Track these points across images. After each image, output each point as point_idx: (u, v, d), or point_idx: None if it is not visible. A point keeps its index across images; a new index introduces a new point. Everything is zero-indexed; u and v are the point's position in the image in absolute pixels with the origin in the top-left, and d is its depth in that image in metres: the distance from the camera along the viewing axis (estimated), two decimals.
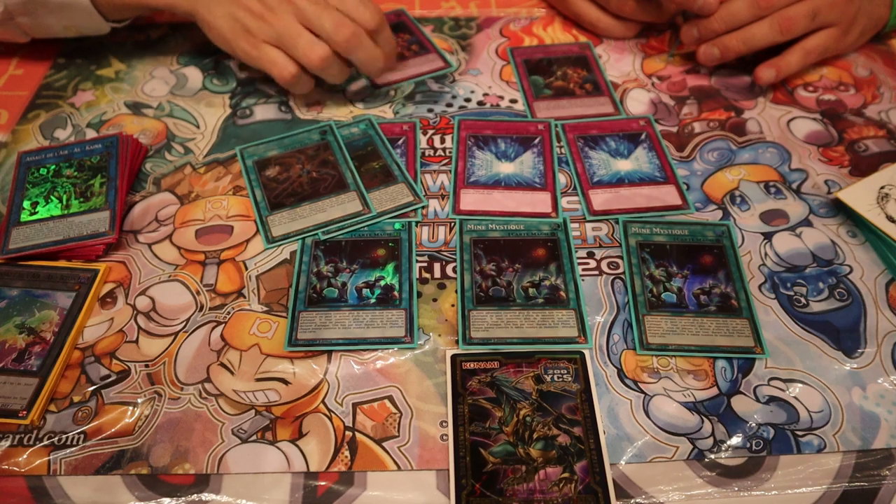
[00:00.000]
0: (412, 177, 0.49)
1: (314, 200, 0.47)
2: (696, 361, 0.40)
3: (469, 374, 0.39)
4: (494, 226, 0.46)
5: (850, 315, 0.42)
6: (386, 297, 0.43)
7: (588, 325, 0.41)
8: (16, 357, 0.39)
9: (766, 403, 0.38)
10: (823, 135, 0.53)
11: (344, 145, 0.50)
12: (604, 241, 0.46)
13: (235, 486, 0.35)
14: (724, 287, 0.43)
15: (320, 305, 0.42)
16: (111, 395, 0.38)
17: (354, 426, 0.37)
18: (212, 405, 0.38)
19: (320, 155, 0.50)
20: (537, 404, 0.38)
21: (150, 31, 0.62)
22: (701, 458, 0.36)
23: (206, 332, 0.41)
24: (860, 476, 0.36)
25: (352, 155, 0.50)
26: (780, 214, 0.47)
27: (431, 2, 0.66)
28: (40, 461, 0.36)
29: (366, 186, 0.48)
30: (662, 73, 0.59)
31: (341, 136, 0.51)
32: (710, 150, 0.52)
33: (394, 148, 0.51)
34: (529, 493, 0.34)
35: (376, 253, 0.45)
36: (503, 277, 0.43)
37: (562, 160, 0.51)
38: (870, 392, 0.38)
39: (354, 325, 0.41)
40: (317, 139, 0.51)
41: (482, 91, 0.57)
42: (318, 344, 0.40)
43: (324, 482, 0.35)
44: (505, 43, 0.62)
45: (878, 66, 0.59)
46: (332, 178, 0.48)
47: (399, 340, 0.40)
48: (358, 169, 0.49)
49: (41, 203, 0.46)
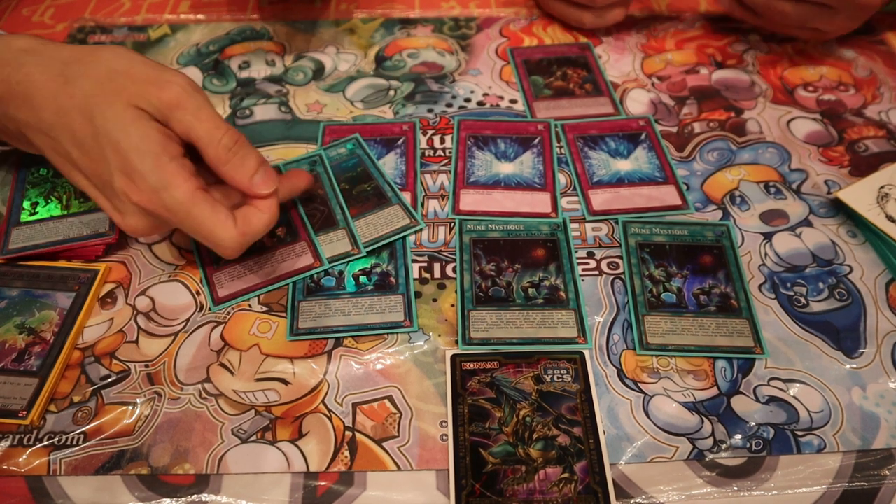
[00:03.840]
0: (411, 181, 0.49)
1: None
2: (695, 361, 0.40)
3: (469, 375, 0.39)
4: (494, 226, 0.46)
5: (850, 315, 0.42)
6: (383, 283, 0.43)
7: (588, 325, 0.41)
8: (16, 357, 0.39)
9: (766, 403, 0.38)
10: (823, 135, 0.53)
11: (334, 176, 0.48)
12: (603, 242, 0.46)
13: (235, 487, 0.35)
14: (723, 287, 0.43)
15: (319, 294, 0.42)
16: (111, 395, 0.38)
17: (354, 426, 0.37)
18: (212, 405, 0.38)
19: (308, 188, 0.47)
20: (537, 404, 0.38)
21: (150, 31, 0.62)
22: (701, 458, 0.36)
23: (206, 332, 0.41)
24: (860, 476, 0.36)
25: (341, 178, 0.48)
26: (780, 214, 0.47)
27: (431, 2, 0.66)
28: (40, 461, 0.36)
29: (359, 210, 0.46)
30: (662, 73, 0.58)
31: (329, 159, 0.50)
32: (710, 151, 0.52)
33: (394, 148, 0.51)
34: (529, 494, 0.34)
35: None
36: (503, 278, 0.43)
37: (561, 160, 0.51)
38: (870, 392, 0.38)
39: (354, 311, 0.41)
40: (306, 171, 0.48)
41: (482, 91, 0.57)
42: (319, 332, 0.40)
43: (324, 482, 0.35)
44: (505, 43, 0.62)
45: (878, 66, 0.59)
46: (320, 213, 0.46)
47: (399, 325, 0.41)
48: (349, 192, 0.48)
49: (41, 203, 0.46)
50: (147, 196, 0.36)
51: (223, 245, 0.37)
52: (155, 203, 0.36)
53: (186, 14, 0.64)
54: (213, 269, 0.44)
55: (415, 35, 0.62)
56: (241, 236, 0.37)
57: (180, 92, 0.36)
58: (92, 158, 0.37)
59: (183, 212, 0.36)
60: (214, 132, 0.37)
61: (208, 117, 0.37)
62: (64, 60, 0.38)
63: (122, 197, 0.37)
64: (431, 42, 0.61)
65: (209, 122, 0.37)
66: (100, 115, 0.36)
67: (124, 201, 0.37)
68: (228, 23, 0.63)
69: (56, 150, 0.39)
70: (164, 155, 0.36)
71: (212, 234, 0.37)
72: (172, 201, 0.36)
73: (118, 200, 0.37)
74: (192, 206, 0.36)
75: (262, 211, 0.38)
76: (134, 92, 0.36)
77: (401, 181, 0.49)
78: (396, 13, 0.65)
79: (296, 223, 0.45)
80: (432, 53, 0.60)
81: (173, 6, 0.66)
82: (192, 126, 0.36)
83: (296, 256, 0.44)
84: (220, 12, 0.65)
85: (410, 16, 0.65)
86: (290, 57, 0.60)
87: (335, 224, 0.46)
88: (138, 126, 0.35)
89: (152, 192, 0.36)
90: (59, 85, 0.37)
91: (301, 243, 0.44)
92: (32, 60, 0.38)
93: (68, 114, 0.37)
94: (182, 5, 0.66)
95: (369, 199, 0.48)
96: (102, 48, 0.38)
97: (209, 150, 0.37)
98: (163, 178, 0.35)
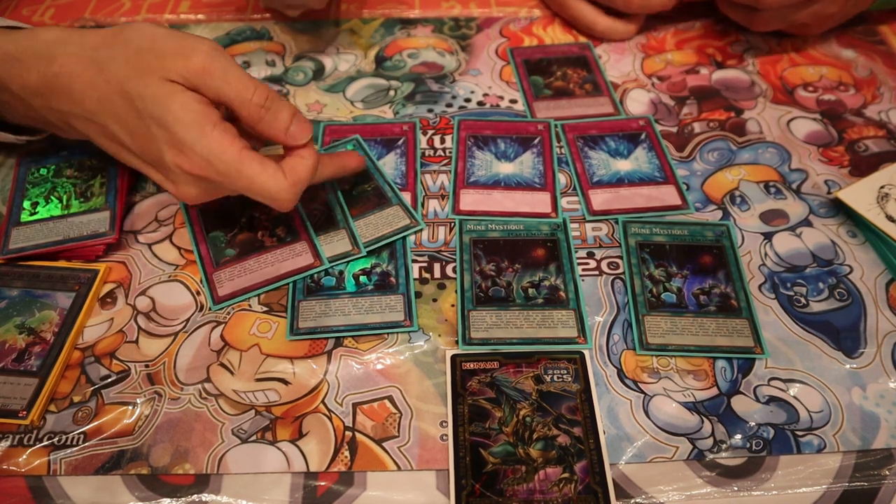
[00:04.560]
0: (411, 181, 0.49)
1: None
2: (695, 361, 0.40)
3: (469, 375, 0.39)
4: (494, 226, 0.46)
5: (850, 315, 0.42)
6: (383, 283, 0.43)
7: (588, 325, 0.41)
8: (16, 357, 0.39)
9: (766, 403, 0.38)
10: (823, 135, 0.53)
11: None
12: (603, 242, 0.46)
13: (235, 487, 0.35)
14: (723, 287, 0.43)
15: (319, 294, 0.42)
16: (111, 395, 0.38)
17: (354, 426, 0.37)
18: (212, 405, 0.38)
19: (309, 188, 0.47)
20: (537, 404, 0.38)
21: None
22: (701, 458, 0.36)
23: (206, 332, 0.41)
24: (860, 476, 0.36)
25: (341, 178, 0.48)
26: (780, 214, 0.47)
27: (431, 2, 0.66)
28: (40, 461, 0.36)
29: (359, 211, 0.46)
30: (662, 73, 0.58)
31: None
32: (710, 151, 0.52)
33: (394, 148, 0.51)
34: (529, 494, 0.34)
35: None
36: (503, 278, 0.43)
37: (561, 160, 0.51)
38: (870, 392, 0.38)
39: (354, 311, 0.41)
40: None
41: (482, 91, 0.57)
42: (319, 332, 0.40)
43: (324, 482, 0.35)
44: (505, 43, 0.62)
45: (878, 66, 0.59)
46: (320, 213, 0.46)
47: (399, 325, 0.41)
48: (349, 192, 0.48)
49: (41, 203, 0.46)
50: (199, 164, 0.37)
51: (278, 198, 0.38)
52: (207, 170, 0.37)
53: (186, 14, 0.64)
54: (213, 268, 0.44)
55: (415, 35, 0.62)
56: (293, 185, 0.39)
57: (205, 58, 0.37)
58: (140, 137, 0.38)
59: (235, 173, 0.37)
60: (244, 92, 0.38)
61: (236, 78, 0.38)
62: (93, 46, 0.39)
63: (175, 169, 0.38)
64: (431, 42, 0.61)
65: (238, 82, 0.38)
66: (138, 97, 0.37)
67: (177, 173, 0.38)
68: (228, 23, 0.63)
69: (105, 135, 0.40)
70: (207, 123, 0.37)
71: (265, 188, 0.38)
72: (223, 165, 0.37)
73: (171, 173, 0.39)
74: (242, 166, 0.37)
75: (304, 158, 0.40)
76: (163, 66, 0.37)
77: (401, 181, 0.49)
78: (396, 13, 0.65)
79: (296, 223, 0.45)
80: (432, 53, 0.60)
81: (173, 6, 0.66)
82: (222, 90, 0.37)
83: (296, 256, 0.44)
84: (220, 12, 0.65)
85: (410, 16, 0.65)
86: (290, 57, 0.60)
87: (335, 224, 0.46)
88: (176, 99, 0.36)
89: (203, 160, 0.37)
90: (94, 73, 0.38)
91: (301, 243, 0.44)
92: (63, 51, 0.39)
93: (110, 99, 0.38)
94: (182, 5, 0.66)
95: (369, 200, 0.47)
96: (125, 28, 0.39)
97: (242, 111, 0.38)
98: (210, 146, 0.36)
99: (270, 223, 0.46)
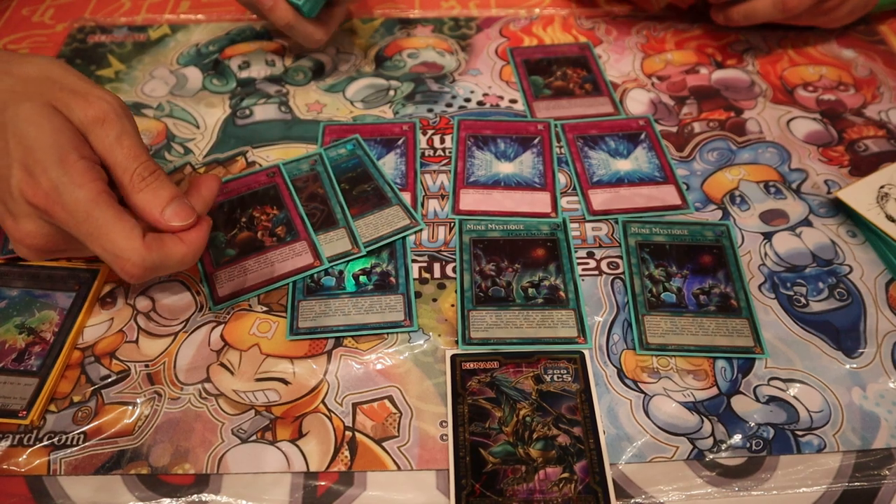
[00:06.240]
0: (411, 181, 0.49)
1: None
2: (695, 361, 0.40)
3: (469, 374, 0.39)
4: (494, 226, 0.46)
5: (850, 315, 0.42)
6: (383, 283, 0.43)
7: (588, 325, 0.41)
8: (16, 357, 0.39)
9: (765, 403, 0.38)
10: (823, 135, 0.53)
11: (333, 176, 0.48)
12: (603, 241, 0.46)
13: (235, 486, 0.35)
14: (723, 287, 0.43)
15: (319, 294, 0.42)
16: (111, 395, 0.38)
17: (354, 426, 0.37)
18: (212, 405, 0.38)
19: (309, 187, 0.48)
20: (537, 404, 0.38)
21: (150, 31, 0.62)
22: (701, 457, 0.36)
23: (206, 332, 0.41)
24: (860, 476, 0.36)
25: (341, 178, 0.48)
26: (780, 214, 0.47)
27: (431, 2, 0.66)
28: (40, 461, 0.36)
29: (359, 211, 0.46)
30: (662, 73, 0.59)
31: (329, 160, 0.50)
32: (710, 150, 0.52)
33: (394, 148, 0.51)
34: (529, 494, 0.34)
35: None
36: (503, 277, 0.43)
37: (561, 160, 0.51)
38: (870, 392, 0.38)
39: (354, 311, 0.41)
40: (306, 170, 0.49)
41: (482, 91, 0.57)
42: (319, 332, 0.40)
43: (324, 482, 0.35)
44: (504, 43, 0.62)
45: (878, 66, 0.59)
46: (320, 213, 0.46)
47: (399, 325, 0.41)
48: (349, 192, 0.48)
49: None
50: (45, 193, 0.33)
51: (123, 257, 0.33)
52: (53, 202, 0.33)
53: (186, 14, 0.64)
54: (213, 268, 0.44)
55: (415, 35, 0.62)
56: (148, 251, 0.34)
57: (109, 110, 0.35)
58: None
59: (83, 214, 0.33)
60: (132, 160, 0.34)
61: (131, 144, 0.35)
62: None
63: (17, 196, 0.33)
64: (431, 42, 0.61)
65: (131, 147, 0.35)
66: (12, 108, 0.34)
67: (19, 201, 0.34)
68: (228, 23, 0.63)
69: None
70: (74, 152, 0.33)
71: (112, 242, 0.33)
72: (72, 202, 0.32)
73: (12, 201, 0.34)
74: (95, 208, 0.33)
75: (183, 242, 0.35)
76: (59, 97, 0.34)
77: (401, 181, 0.49)
78: (396, 13, 0.65)
79: (296, 223, 0.45)
80: (432, 53, 0.60)
81: (173, 6, 0.66)
82: (112, 148, 0.34)
83: (295, 256, 0.44)
84: (220, 12, 0.65)
85: (410, 16, 0.65)
86: (290, 57, 0.60)
87: (335, 223, 0.46)
88: (52, 120, 0.33)
89: (52, 188, 0.32)
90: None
91: (301, 242, 0.44)
92: None
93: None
94: (182, 5, 0.66)
95: (369, 200, 0.48)
96: (44, 57, 0.37)
97: (123, 177, 0.34)
98: (66, 174, 0.32)
99: (270, 223, 0.46)
